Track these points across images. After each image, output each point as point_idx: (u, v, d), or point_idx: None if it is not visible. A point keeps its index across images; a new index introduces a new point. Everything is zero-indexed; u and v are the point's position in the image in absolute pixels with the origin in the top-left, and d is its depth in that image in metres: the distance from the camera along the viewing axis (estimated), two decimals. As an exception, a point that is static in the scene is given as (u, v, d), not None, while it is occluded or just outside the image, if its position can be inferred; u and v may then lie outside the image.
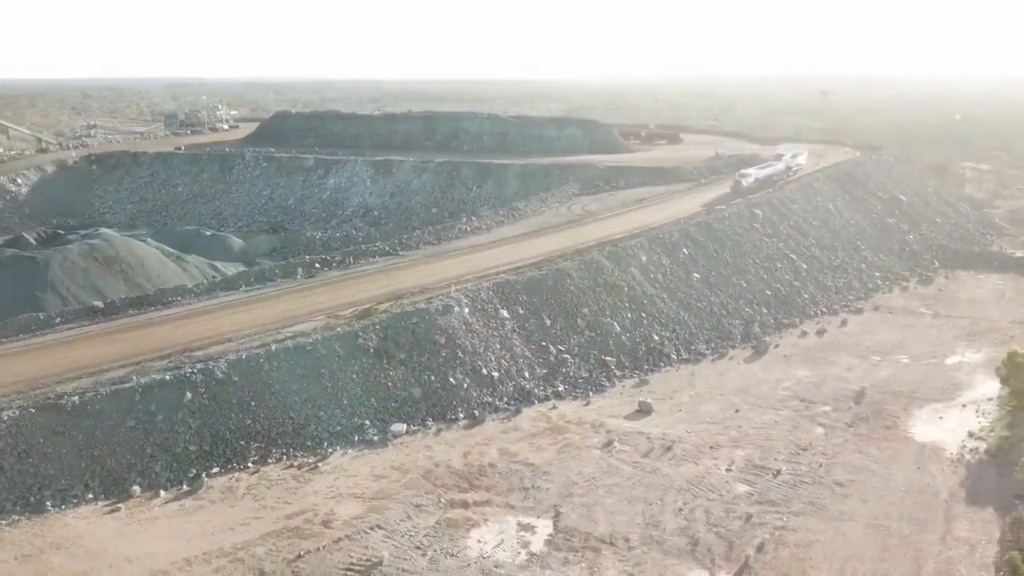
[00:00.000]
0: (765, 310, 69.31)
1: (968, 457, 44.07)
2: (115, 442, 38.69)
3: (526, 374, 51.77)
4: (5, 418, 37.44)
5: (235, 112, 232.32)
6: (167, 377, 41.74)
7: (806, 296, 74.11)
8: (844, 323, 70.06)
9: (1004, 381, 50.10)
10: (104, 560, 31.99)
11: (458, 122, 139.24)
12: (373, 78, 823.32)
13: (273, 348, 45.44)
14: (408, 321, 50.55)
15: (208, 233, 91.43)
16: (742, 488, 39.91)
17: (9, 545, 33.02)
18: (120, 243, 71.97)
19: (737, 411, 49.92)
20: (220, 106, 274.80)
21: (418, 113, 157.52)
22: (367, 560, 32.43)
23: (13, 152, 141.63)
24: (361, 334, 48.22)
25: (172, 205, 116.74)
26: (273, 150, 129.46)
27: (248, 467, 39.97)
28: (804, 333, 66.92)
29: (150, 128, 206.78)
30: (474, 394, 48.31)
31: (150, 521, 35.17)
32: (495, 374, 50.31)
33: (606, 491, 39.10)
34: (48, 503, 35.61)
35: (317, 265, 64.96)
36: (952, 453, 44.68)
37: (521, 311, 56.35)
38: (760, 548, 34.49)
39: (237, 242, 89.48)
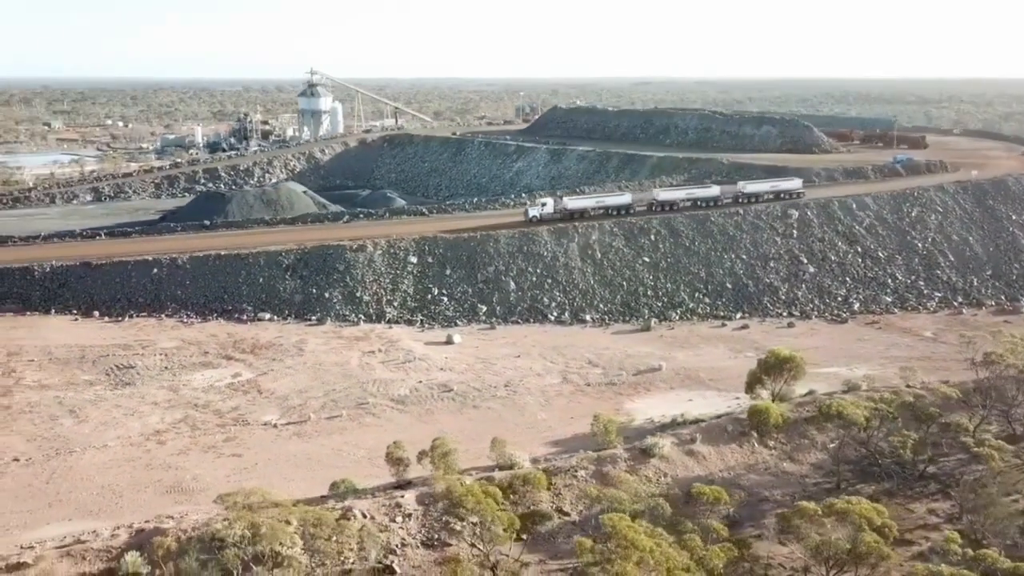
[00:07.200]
0: (707, 300, 71.61)
1: (639, 423, 48.45)
2: (106, 288, 66.15)
3: (396, 303, 67.21)
4: (59, 265, 67.35)
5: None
6: (149, 258, 68.14)
7: (782, 296, 73.06)
8: (791, 324, 68.83)
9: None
10: (37, 336, 58.91)
11: (671, 118, 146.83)
12: (869, 77, 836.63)
13: (222, 253, 69.03)
14: (325, 252, 69.82)
15: (389, 195, 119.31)
16: (401, 391, 51.72)
17: (9, 321, 62.09)
18: (284, 190, 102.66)
19: (517, 357, 59.03)
20: (577, 101, 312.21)
21: (640, 109, 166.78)
22: (127, 364, 54.07)
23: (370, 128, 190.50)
24: (282, 255, 69.14)
25: (416, 177, 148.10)
26: (507, 138, 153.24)
27: (161, 317, 64.21)
28: (724, 324, 68.46)
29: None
30: (338, 307, 65.85)
31: (80, 327, 61.52)
32: (366, 298, 66.94)
33: (312, 369, 54.53)
34: (52, 310, 64.31)
35: (361, 216, 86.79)
36: (634, 420, 49.23)
37: (430, 260, 71.10)
38: (332, 417, 47.50)
39: (400, 202, 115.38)
